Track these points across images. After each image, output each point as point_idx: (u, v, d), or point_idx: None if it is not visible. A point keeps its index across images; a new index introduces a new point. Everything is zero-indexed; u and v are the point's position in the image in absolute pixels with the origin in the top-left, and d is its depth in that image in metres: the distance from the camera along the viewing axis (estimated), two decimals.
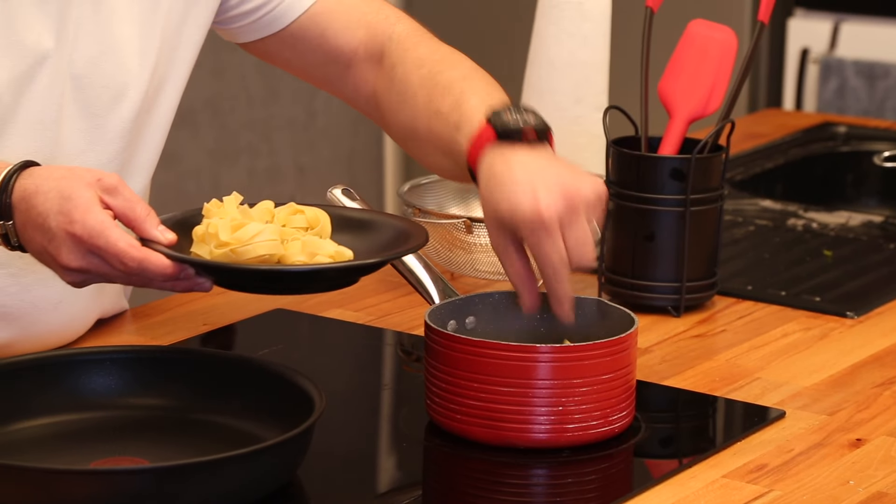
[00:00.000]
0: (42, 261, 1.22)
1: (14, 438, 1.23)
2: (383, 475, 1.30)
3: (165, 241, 1.22)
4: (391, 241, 1.29)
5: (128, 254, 1.18)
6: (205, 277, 1.22)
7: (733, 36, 1.62)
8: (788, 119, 2.43)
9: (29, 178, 1.21)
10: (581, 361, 1.27)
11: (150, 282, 1.20)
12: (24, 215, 1.20)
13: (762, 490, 1.22)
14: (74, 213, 1.18)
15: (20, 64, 1.34)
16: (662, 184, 1.56)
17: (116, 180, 1.21)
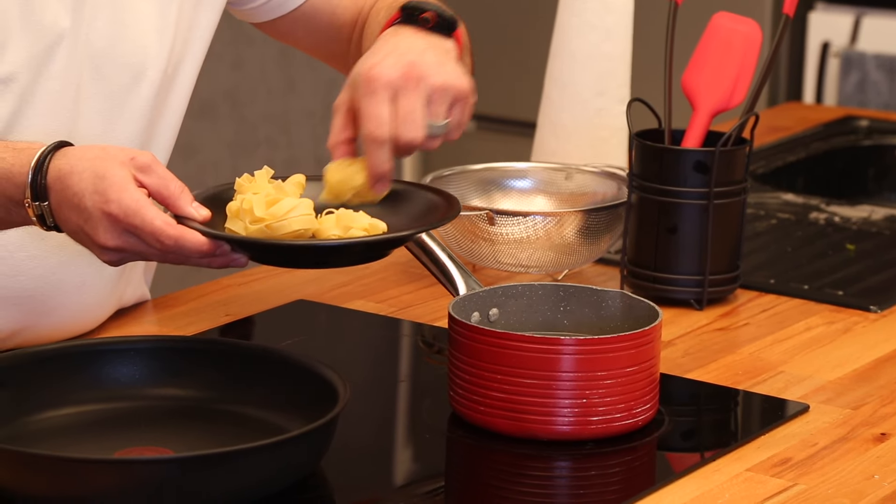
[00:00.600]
0: (78, 240, 1.23)
1: (38, 428, 1.24)
2: (406, 466, 1.30)
3: (200, 217, 1.22)
4: (424, 212, 1.29)
5: (164, 232, 1.19)
6: (240, 253, 1.22)
7: (757, 29, 1.61)
8: (809, 113, 2.42)
9: (63, 159, 1.22)
10: (605, 354, 1.26)
11: (187, 259, 1.21)
12: (60, 195, 1.21)
13: (786, 484, 1.22)
14: (110, 193, 1.19)
15: (37, 44, 1.35)
16: (686, 177, 1.56)
17: (150, 158, 1.22)
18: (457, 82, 1.28)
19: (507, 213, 1.60)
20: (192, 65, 1.46)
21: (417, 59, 1.27)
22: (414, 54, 1.27)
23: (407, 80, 1.25)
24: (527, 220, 1.59)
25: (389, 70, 1.25)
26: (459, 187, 1.72)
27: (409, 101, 1.25)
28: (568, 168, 1.72)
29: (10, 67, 1.34)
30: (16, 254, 1.39)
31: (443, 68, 1.27)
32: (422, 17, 1.31)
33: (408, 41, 1.30)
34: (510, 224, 1.59)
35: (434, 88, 1.26)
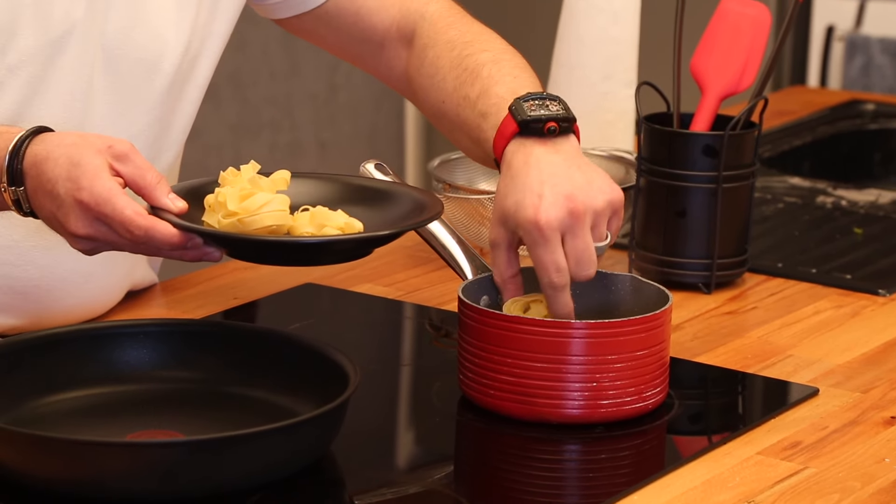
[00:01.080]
0: (52, 227, 1.22)
1: (48, 411, 1.24)
2: (416, 450, 1.30)
3: (176, 209, 1.20)
4: (407, 212, 1.28)
5: (134, 222, 1.18)
6: (213, 247, 1.20)
7: (767, 12, 1.61)
8: (814, 96, 2.42)
9: (40, 144, 1.21)
10: (615, 337, 1.26)
11: (158, 250, 1.20)
12: (35, 181, 1.20)
13: (797, 467, 1.22)
14: (82, 180, 1.18)
15: (49, 34, 1.34)
16: (694, 160, 1.56)
17: (128, 147, 1.20)
18: (613, 197, 1.28)
19: None
20: (210, 59, 1.45)
21: (572, 188, 1.26)
22: (565, 182, 1.26)
23: (574, 218, 1.26)
24: None
25: (556, 213, 1.25)
26: (467, 171, 1.72)
27: (580, 241, 1.26)
28: None
29: (20, 56, 1.33)
30: (23, 244, 1.38)
31: (594, 186, 1.27)
32: (548, 129, 1.30)
33: (547, 163, 1.28)
34: None
35: (598, 213, 1.27)
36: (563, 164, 1.29)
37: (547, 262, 1.26)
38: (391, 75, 1.50)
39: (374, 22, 1.49)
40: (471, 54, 1.41)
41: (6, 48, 1.32)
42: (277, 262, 1.27)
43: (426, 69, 1.44)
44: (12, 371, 1.24)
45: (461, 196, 1.62)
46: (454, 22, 1.46)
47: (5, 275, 1.38)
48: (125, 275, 1.47)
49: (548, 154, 1.30)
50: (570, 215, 1.26)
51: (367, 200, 1.29)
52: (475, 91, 1.38)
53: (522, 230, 1.27)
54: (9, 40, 1.32)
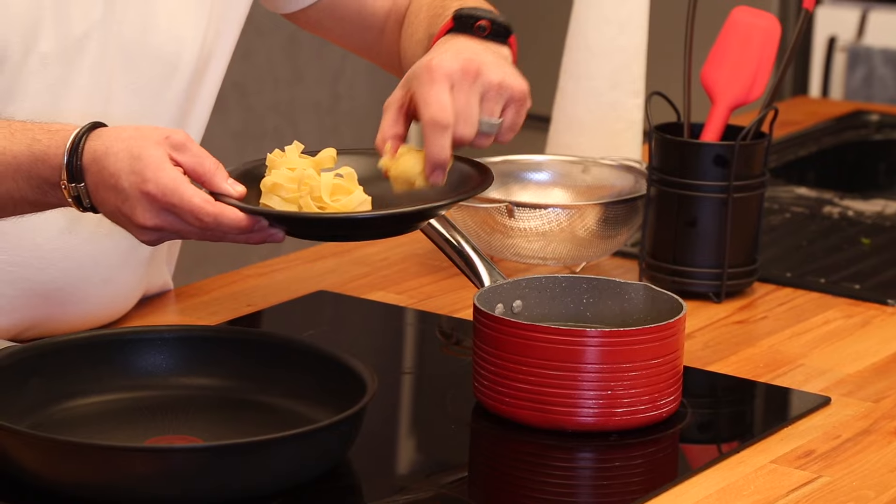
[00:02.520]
0: (116, 221, 1.23)
1: (68, 416, 1.24)
2: (431, 457, 1.31)
3: (236, 194, 1.22)
4: (456, 183, 1.28)
5: (203, 209, 1.19)
6: (277, 228, 1.22)
7: (776, 23, 1.62)
8: (818, 107, 2.43)
9: (98, 140, 1.22)
10: (630, 346, 1.27)
11: (225, 235, 1.21)
12: (96, 177, 1.21)
13: (811, 476, 1.23)
14: (146, 172, 1.19)
15: (68, 36, 1.35)
16: (705, 170, 1.57)
17: (184, 136, 1.22)
18: (513, 82, 1.27)
19: (526, 206, 1.60)
20: (223, 58, 1.46)
21: (475, 56, 1.26)
22: (471, 53, 1.27)
23: (465, 73, 1.25)
24: (546, 213, 1.60)
25: (449, 62, 1.25)
26: None
27: (465, 95, 1.25)
28: (585, 161, 1.73)
29: (41, 59, 1.34)
30: (45, 246, 1.39)
31: (500, 68, 1.27)
32: (477, 26, 1.31)
33: (464, 44, 1.29)
34: (529, 216, 1.60)
35: (491, 85, 1.26)
36: (478, 47, 1.29)
37: (430, 97, 1.24)
38: (392, 60, 1.52)
39: (375, 8, 1.51)
40: (444, 4, 1.43)
41: (28, 51, 1.33)
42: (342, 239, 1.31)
43: (406, 31, 1.47)
44: (32, 376, 1.24)
45: (472, 205, 1.63)
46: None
47: (27, 277, 1.39)
48: (142, 278, 1.48)
49: (469, 40, 1.30)
50: (461, 70, 1.25)
51: None
52: (436, 26, 1.39)
53: (414, 76, 1.26)
54: (30, 43, 1.33)
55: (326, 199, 1.23)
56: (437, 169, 1.25)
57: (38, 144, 1.23)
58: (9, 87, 1.33)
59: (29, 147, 1.23)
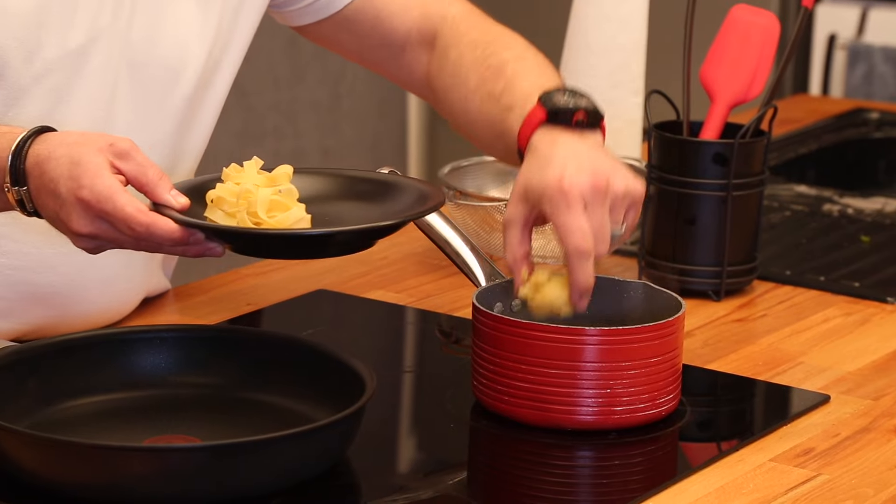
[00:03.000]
0: (55, 227, 1.22)
1: (66, 415, 1.24)
2: (430, 456, 1.31)
3: (178, 205, 1.20)
4: (410, 204, 1.28)
5: (135, 218, 1.18)
6: (216, 242, 1.21)
7: (776, 21, 1.62)
8: (818, 105, 2.43)
9: (42, 144, 1.21)
10: (629, 344, 1.27)
11: (160, 246, 1.20)
12: (38, 181, 1.20)
13: (810, 474, 1.23)
14: (83, 178, 1.18)
15: (73, 43, 1.35)
16: (704, 168, 1.57)
17: (129, 145, 1.20)
18: (635, 188, 1.28)
19: None
20: (230, 68, 1.46)
21: (596, 167, 1.26)
22: (590, 162, 1.27)
23: (596, 191, 1.25)
24: None
25: (580, 181, 1.25)
26: (476, 178, 1.72)
27: (599, 215, 1.25)
28: None
29: (45, 65, 1.34)
30: (44, 250, 1.39)
31: (621, 174, 1.27)
32: (576, 121, 1.30)
33: (573, 148, 1.29)
34: None
35: (617, 196, 1.26)
36: (589, 149, 1.30)
37: (572, 225, 1.25)
38: (412, 79, 1.51)
39: (394, 25, 1.49)
40: (494, 52, 1.42)
41: (32, 57, 1.33)
42: (283, 256, 1.27)
43: (449, 69, 1.45)
44: (30, 376, 1.24)
45: (471, 203, 1.63)
46: (476, 23, 1.47)
47: (25, 280, 1.39)
48: (143, 282, 1.48)
49: (574, 140, 1.30)
50: (592, 188, 1.25)
51: (370, 194, 1.30)
52: (499, 87, 1.38)
53: (545, 197, 1.26)
54: (34, 49, 1.33)
55: (262, 214, 1.21)
56: (583, 296, 1.27)
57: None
58: (11, 92, 1.33)
59: None
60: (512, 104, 1.36)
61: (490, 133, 1.40)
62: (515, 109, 1.35)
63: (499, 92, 1.38)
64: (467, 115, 1.43)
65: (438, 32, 1.48)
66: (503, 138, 1.38)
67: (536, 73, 1.39)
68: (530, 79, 1.38)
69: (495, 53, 1.42)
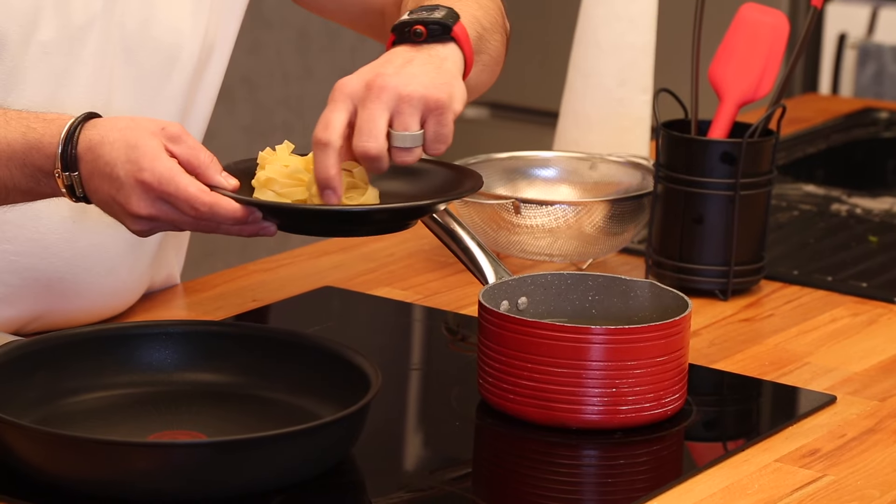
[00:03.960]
0: (109, 211, 1.23)
1: (72, 410, 1.24)
2: (435, 453, 1.31)
3: (230, 186, 1.23)
4: (447, 185, 1.29)
5: (199, 198, 1.20)
6: (270, 221, 1.22)
7: (785, 20, 1.61)
8: (827, 104, 2.43)
9: (93, 129, 1.22)
10: (635, 343, 1.27)
11: (219, 226, 1.21)
12: (91, 165, 1.21)
13: (815, 475, 1.23)
14: (143, 161, 1.20)
15: (69, 26, 1.35)
16: (712, 167, 1.56)
17: (179, 129, 1.22)
18: (429, 92, 1.24)
19: (533, 202, 1.60)
20: (224, 49, 1.46)
21: (385, 71, 1.24)
22: (385, 66, 1.25)
23: (368, 90, 1.23)
24: (552, 209, 1.60)
25: (352, 82, 1.24)
26: (484, 175, 1.71)
27: (367, 112, 1.23)
28: (592, 157, 1.72)
29: (42, 48, 1.34)
30: (48, 236, 1.39)
31: (417, 79, 1.24)
32: (413, 31, 1.28)
33: (393, 56, 1.27)
34: (536, 213, 1.60)
35: (400, 98, 1.23)
36: (401, 60, 1.27)
37: (322, 118, 1.23)
38: None
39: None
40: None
41: (28, 40, 1.33)
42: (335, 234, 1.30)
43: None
44: (35, 371, 1.24)
45: (478, 201, 1.63)
46: None
47: (30, 266, 1.39)
48: (146, 270, 1.48)
49: (402, 52, 1.27)
50: (365, 87, 1.23)
51: (404, 175, 1.30)
52: None
53: None
54: (31, 32, 1.33)
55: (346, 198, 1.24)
56: (325, 187, 1.23)
57: (32, 132, 1.23)
58: (9, 75, 1.33)
59: (24, 135, 1.23)
60: None
61: None
62: None
63: None
64: None
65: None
66: None
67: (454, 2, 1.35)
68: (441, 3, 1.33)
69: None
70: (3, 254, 1.38)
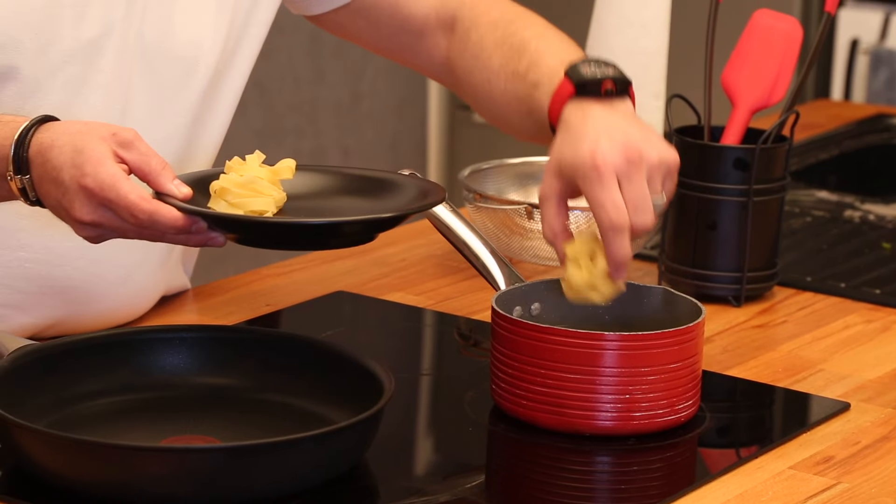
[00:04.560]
0: (58, 215, 1.23)
1: (85, 414, 1.24)
2: (448, 459, 1.30)
3: (180, 195, 1.21)
4: (411, 199, 1.28)
5: (138, 206, 1.18)
6: (217, 231, 1.21)
7: (798, 26, 1.61)
8: (840, 110, 2.42)
9: (46, 133, 1.22)
10: (649, 350, 1.27)
11: (163, 235, 1.20)
12: (41, 169, 1.21)
13: (830, 482, 1.22)
14: (86, 167, 1.19)
15: (87, 35, 1.35)
16: (725, 173, 1.56)
17: (132, 134, 1.21)
18: (669, 156, 1.28)
19: None
20: (246, 61, 1.46)
21: (629, 139, 1.26)
22: (623, 134, 1.27)
23: (630, 163, 1.25)
24: None
25: (613, 156, 1.25)
26: (497, 181, 1.72)
27: (637, 186, 1.25)
28: None
29: (61, 57, 1.34)
30: (62, 243, 1.39)
31: (653, 143, 1.27)
32: (605, 91, 1.30)
33: (605, 120, 1.28)
34: None
35: (651, 166, 1.26)
36: (620, 120, 1.29)
37: (605, 200, 1.25)
38: (432, 64, 1.50)
39: (412, 11, 1.49)
40: (515, 31, 1.42)
41: (47, 48, 1.33)
42: (284, 246, 1.26)
43: (470, 51, 1.44)
44: (48, 375, 1.24)
45: (491, 206, 1.63)
46: (494, 4, 1.47)
47: (44, 274, 1.39)
48: (160, 279, 1.48)
49: (605, 111, 1.30)
50: (626, 161, 1.25)
51: (372, 190, 1.30)
52: (524, 64, 1.38)
53: (579, 174, 1.26)
54: (49, 41, 1.33)
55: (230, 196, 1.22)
56: (619, 269, 1.27)
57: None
58: (26, 84, 1.33)
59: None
60: (538, 81, 1.35)
61: (517, 112, 1.39)
62: (542, 86, 1.35)
63: (524, 70, 1.37)
64: (492, 96, 1.42)
65: (457, 15, 1.48)
66: (531, 116, 1.37)
67: (559, 48, 1.38)
68: (554, 54, 1.37)
69: (516, 32, 1.41)
70: (18, 261, 1.38)
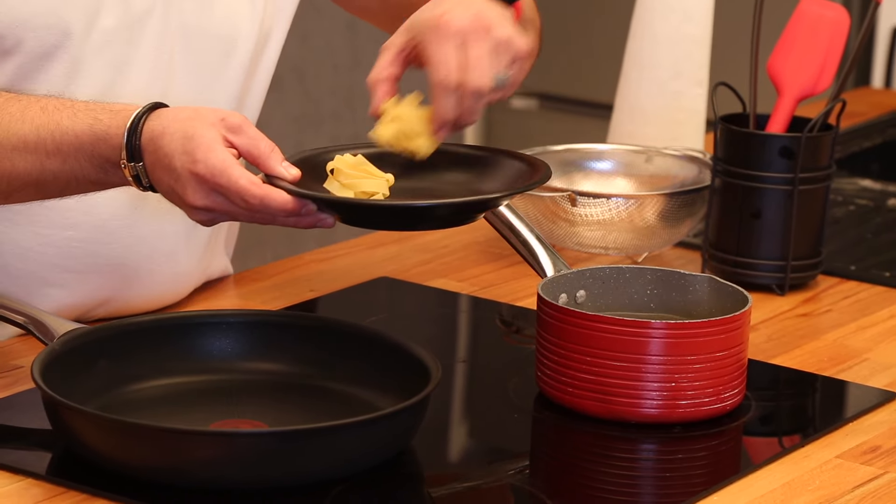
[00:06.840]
0: (171, 200, 1.25)
1: (134, 398, 1.25)
2: (492, 445, 1.31)
3: (290, 177, 1.23)
4: (514, 177, 1.29)
5: (249, 191, 1.20)
6: (327, 213, 1.22)
7: (845, 14, 1.60)
8: (881, 97, 2.41)
9: (156, 120, 1.23)
10: (695, 338, 1.27)
11: (273, 218, 1.22)
12: (153, 156, 1.23)
13: (877, 472, 1.22)
14: (197, 153, 1.20)
15: (130, 14, 1.36)
16: (770, 161, 1.56)
17: (241, 119, 1.23)
18: (518, 40, 1.27)
19: (589, 195, 1.60)
20: (279, 36, 1.47)
21: (483, 12, 1.26)
22: (479, 7, 1.27)
23: (476, 28, 1.25)
24: (609, 202, 1.59)
25: (459, 18, 1.25)
26: None
27: (478, 49, 1.25)
28: (648, 151, 1.72)
29: (104, 37, 1.35)
30: (109, 222, 1.40)
31: (505, 25, 1.27)
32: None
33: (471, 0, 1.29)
34: (592, 205, 1.60)
35: (499, 40, 1.26)
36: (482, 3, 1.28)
37: (441, 57, 1.24)
38: None
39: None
40: None
41: (90, 28, 1.34)
42: (393, 227, 1.29)
43: None
44: (99, 358, 1.25)
45: (535, 193, 1.62)
46: None
47: (94, 252, 1.41)
48: (202, 257, 1.49)
49: None
50: (473, 27, 1.25)
51: (475, 167, 1.30)
52: None
53: (424, 30, 1.26)
54: (92, 20, 1.34)
55: None
56: (442, 128, 1.26)
57: (99, 124, 1.24)
58: (71, 65, 1.34)
59: (91, 127, 1.24)
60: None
61: None
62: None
63: None
64: None
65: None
66: None
67: None
68: None
69: None
70: (67, 240, 1.39)
